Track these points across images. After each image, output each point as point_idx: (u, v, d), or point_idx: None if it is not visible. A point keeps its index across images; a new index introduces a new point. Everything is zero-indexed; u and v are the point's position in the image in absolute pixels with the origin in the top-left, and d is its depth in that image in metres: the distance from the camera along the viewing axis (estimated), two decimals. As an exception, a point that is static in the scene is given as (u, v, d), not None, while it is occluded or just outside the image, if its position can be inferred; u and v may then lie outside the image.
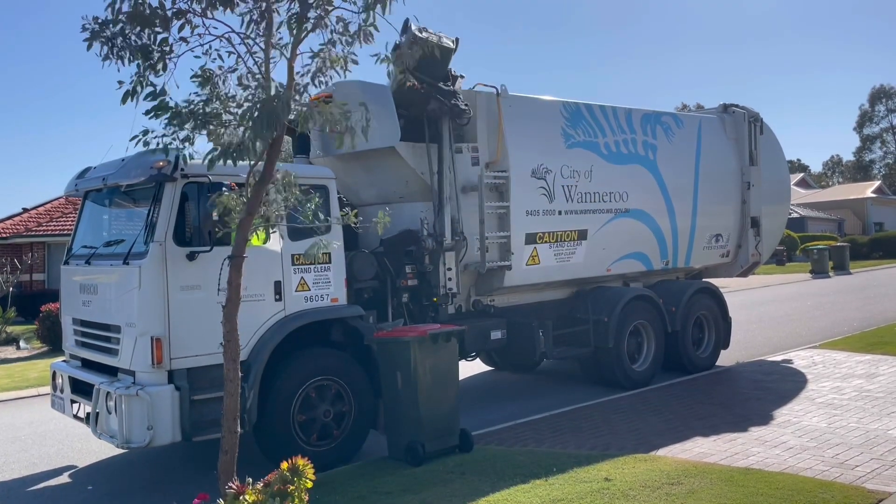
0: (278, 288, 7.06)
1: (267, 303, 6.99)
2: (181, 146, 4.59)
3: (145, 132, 4.37)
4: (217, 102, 4.54)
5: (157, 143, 4.39)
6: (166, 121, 4.45)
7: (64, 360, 8.00)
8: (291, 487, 3.47)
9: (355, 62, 4.78)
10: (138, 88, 4.33)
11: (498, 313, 9.26)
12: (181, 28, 4.49)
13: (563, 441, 7.48)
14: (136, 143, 4.38)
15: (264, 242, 7.05)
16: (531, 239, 9.18)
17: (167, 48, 4.51)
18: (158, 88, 4.40)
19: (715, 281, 11.97)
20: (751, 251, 12.01)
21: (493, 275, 8.95)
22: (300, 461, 3.55)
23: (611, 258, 10.19)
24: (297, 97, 4.61)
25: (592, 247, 9.86)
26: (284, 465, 3.54)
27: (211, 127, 4.59)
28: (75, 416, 7.47)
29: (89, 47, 4.34)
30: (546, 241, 9.35)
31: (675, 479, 6.01)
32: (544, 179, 9.28)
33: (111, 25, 4.30)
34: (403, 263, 8.36)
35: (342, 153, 8.56)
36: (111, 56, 4.40)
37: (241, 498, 3.45)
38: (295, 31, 4.61)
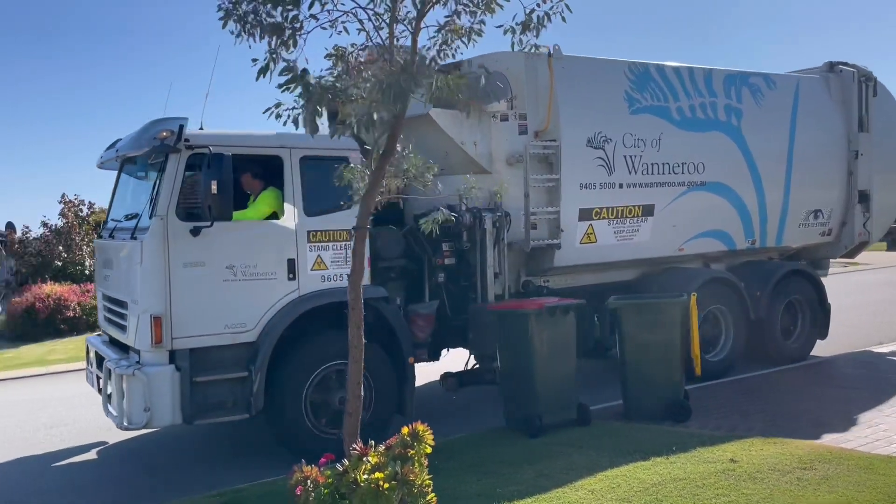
0: (292, 266, 6.66)
1: (278, 282, 6.61)
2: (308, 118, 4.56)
3: (277, 104, 4.52)
4: (348, 78, 4.66)
5: (288, 116, 4.49)
6: (298, 95, 4.54)
7: (98, 334, 7.99)
8: (412, 451, 3.68)
9: (480, 33, 4.72)
10: (271, 65, 4.48)
11: (551, 295, 8.50)
12: (311, 5, 4.59)
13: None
14: (269, 116, 4.52)
15: (266, 217, 6.69)
16: (586, 215, 8.35)
17: (298, 25, 4.60)
18: (291, 63, 4.53)
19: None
20: (858, 230, 10.65)
21: (542, 254, 8.22)
22: (420, 427, 3.73)
23: (683, 236, 9.18)
24: (424, 71, 4.60)
25: (660, 223, 8.89)
26: (405, 429, 3.74)
27: (340, 100, 4.68)
28: (100, 391, 7.42)
29: (224, 25, 4.52)
30: (604, 218, 8.49)
31: (808, 464, 5.66)
32: (602, 149, 8.39)
33: (244, 4, 4.54)
34: (440, 241, 7.76)
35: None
36: (243, 34, 4.57)
37: (364, 459, 3.67)
38: (420, 5, 4.61)
